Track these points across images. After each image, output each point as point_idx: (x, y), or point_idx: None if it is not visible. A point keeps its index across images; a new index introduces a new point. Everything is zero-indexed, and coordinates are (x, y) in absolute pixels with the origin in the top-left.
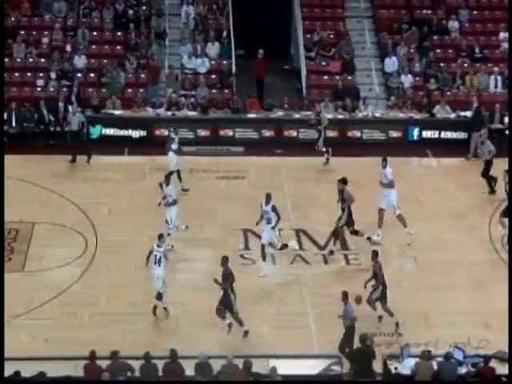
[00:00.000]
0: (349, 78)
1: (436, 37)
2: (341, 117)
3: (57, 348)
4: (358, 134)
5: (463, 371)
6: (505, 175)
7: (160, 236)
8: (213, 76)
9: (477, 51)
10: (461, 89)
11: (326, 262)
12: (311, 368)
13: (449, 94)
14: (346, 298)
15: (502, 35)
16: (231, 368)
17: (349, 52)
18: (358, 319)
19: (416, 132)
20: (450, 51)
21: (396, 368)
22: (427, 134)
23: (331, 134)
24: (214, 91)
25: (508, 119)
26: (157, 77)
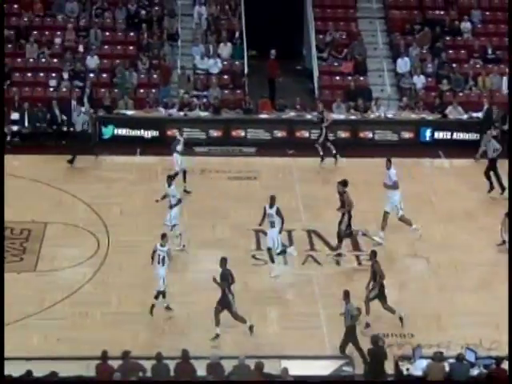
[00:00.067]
0: (361, 79)
1: (448, 37)
2: (353, 117)
3: (68, 348)
4: (370, 135)
5: (475, 373)
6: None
7: (163, 235)
8: (225, 76)
9: (489, 52)
10: (473, 90)
11: (338, 263)
12: (323, 369)
13: (461, 95)
14: (348, 297)
15: None
16: (243, 369)
17: (361, 53)
18: (370, 321)
19: (428, 133)
20: (463, 52)
21: (408, 369)
22: (439, 135)
23: (343, 135)
24: (226, 92)
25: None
26: (169, 77)
